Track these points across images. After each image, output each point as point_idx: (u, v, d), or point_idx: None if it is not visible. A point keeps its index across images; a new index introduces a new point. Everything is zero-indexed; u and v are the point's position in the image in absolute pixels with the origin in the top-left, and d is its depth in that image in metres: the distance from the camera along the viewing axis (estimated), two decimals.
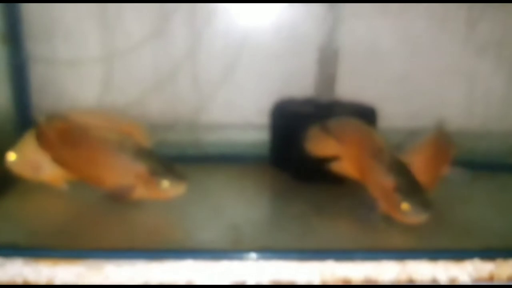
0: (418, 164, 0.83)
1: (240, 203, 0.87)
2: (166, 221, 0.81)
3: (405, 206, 0.74)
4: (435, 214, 0.82)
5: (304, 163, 0.94)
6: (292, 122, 0.97)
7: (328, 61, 0.99)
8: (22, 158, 0.87)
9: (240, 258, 0.67)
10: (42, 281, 0.65)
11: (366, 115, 0.96)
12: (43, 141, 0.85)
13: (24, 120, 1.02)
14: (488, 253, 0.70)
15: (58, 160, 0.85)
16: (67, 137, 0.83)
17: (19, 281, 0.64)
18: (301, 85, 1.04)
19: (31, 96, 1.02)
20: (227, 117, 1.09)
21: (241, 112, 1.08)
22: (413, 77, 1.07)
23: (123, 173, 0.80)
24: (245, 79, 1.06)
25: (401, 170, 0.78)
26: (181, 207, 0.82)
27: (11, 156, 0.87)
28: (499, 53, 1.06)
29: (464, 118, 1.11)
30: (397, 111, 1.06)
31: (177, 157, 0.97)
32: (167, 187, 0.79)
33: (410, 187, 0.75)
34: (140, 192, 0.81)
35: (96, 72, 1.04)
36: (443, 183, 0.87)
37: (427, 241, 0.75)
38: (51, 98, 1.04)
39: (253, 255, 0.67)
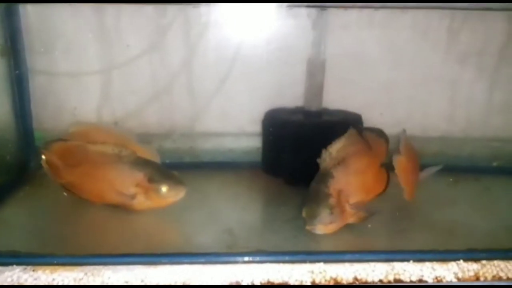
0: (406, 165, 0.86)
1: (235, 208, 0.89)
2: (165, 226, 0.82)
3: (303, 213, 0.76)
4: (423, 216, 0.85)
5: (295, 168, 0.97)
6: (283, 130, 0.99)
7: (316, 71, 1.01)
8: None
9: (234, 260, 0.69)
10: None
11: (353, 122, 0.99)
12: (52, 169, 0.87)
13: (24, 130, 1.04)
14: (473, 254, 0.72)
15: (66, 183, 0.87)
16: (68, 157, 0.85)
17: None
18: (291, 94, 1.07)
19: (31, 107, 1.04)
20: (221, 126, 1.11)
21: (234, 121, 1.10)
22: (398, 85, 1.10)
23: (123, 183, 0.82)
24: (238, 89, 1.08)
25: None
26: (179, 212, 0.83)
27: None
28: (480, 62, 1.08)
29: (448, 125, 1.13)
30: (382, 118, 1.08)
31: (174, 165, 0.99)
32: (166, 193, 0.81)
33: (312, 201, 0.76)
34: (141, 201, 0.82)
35: (95, 84, 1.06)
36: (427, 185, 0.90)
37: (414, 242, 0.78)
38: (51, 109, 1.06)
39: (246, 257, 0.69)
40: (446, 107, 1.12)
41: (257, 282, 0.67)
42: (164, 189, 0.81)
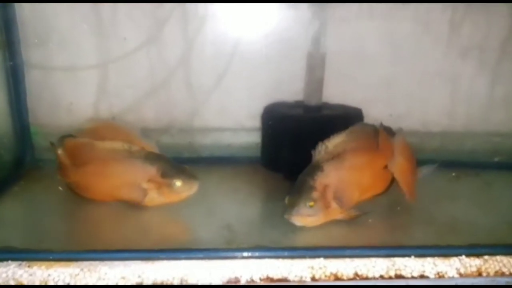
0: (405, 167, 0.84)
1: (234, 203, 0.88)
2: (163, 221, 0.81)
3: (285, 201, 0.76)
4: (424, 211, 0.84)
5: (295, 163, 0.96)
6: (283, 124, 0.98)
7: (315, 65, 1.00)
8: None
9: (233, 256, 0.68)
10: (36, 283, 0.64)
11: (354, 116, 0.98)
12: (60, 167, 0.86)
13: (20, 125, 1.02)
14: (475, 249, 0.71)
15: (74, 183, 0.85)
16: (76, 156, 0.84)
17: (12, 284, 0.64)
18: (290, 89, 1.05)
19: (26, 102, 1.02)
20: (220, 121, 1.09)
21: (233, 116, 1.09)
22: (398, 80, 1.08)
23: (135, 179, 0.80)
24: (237, 84, 1.07)
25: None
26: (177, 207, 0.82)
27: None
28: (481, 56, 1.07)
29: (449, 119, 1.12)
30: (382, 113, 1.06)
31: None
32: (180, 187, 0.79)
33: (295, 191, 0.76)
34: (153, 197, 0.81)
35: (92, 78, 1.04)
36: (427, 181, 0.89)
37: (415, 237, 0.77)
38: (47, 103, 1.05)
39: (245, 253, 0.68)
40: (447, 102, 1.11)
41: (256, 278, 0.66)
42: (178, 183, 0.79)
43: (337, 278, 0.67)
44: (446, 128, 1.12)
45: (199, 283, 0.65)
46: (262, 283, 0.66)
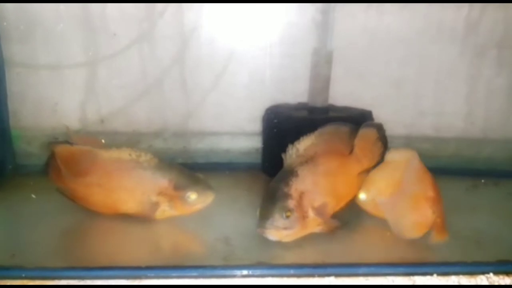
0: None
1: (232, 213, 0.82)
2: (155, 232, 0.75)
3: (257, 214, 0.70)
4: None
5: None
6: (286, 127, 0.92)
7: (322, 63, 0.94)
8: None
9: (231, 274, 0.61)
10: None
11: (363, 119, 0.92)
12: (52, 174, 0.79)
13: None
14: (504, 266, 0.64)
15: (70, 190, 0.78)
16: (73, 165, 0.76)
17: None
18: (294, 90, 1.01)
19: (7, 103, 0.97)
20: (218, 124, 1.05)
21: (232, 118, 1.04)
22: (409, 81, 1.04)
23: (144, 192, 0.74)
24: (236, 84, 1.02)
25: None
26: (170, 218, 0.76)
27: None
28: (500, 56, 1.02)
29: (465, 125, 1.07)
30: (391, 117, 1.00)
31: None
32: (195, 200, 0.74)
33: (267, 201, 0.70)
34: (164, 210, 0.75)
35: (79, 77, 0.99)
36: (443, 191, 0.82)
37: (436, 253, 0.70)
38: (30, 104, 0.99)
39: (245, 271, 0.62)
40: (463, 105, 1.06)
41: None
42: (193, 196, 0.74)
43: None
44: (462, 133, 1.07)
45: None
46: None
